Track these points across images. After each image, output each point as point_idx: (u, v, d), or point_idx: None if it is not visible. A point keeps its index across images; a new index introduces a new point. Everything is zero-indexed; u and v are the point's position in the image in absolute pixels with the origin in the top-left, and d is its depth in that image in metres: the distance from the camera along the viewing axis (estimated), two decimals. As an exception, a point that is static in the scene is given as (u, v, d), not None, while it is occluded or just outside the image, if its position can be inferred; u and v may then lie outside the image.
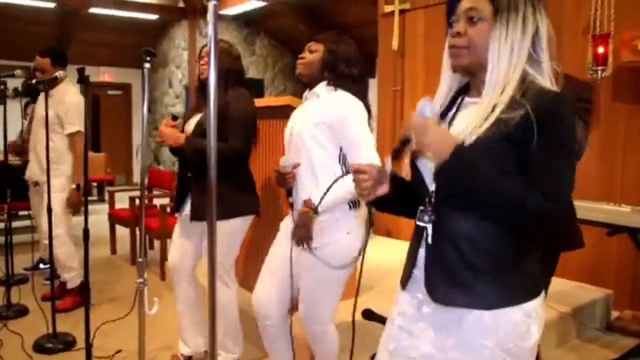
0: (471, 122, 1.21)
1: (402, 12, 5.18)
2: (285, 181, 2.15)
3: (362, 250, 1.47)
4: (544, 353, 3.02)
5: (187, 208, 2.65)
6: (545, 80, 1.24)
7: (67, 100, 3.58)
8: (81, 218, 2.63)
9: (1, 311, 3.54)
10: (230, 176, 2.53)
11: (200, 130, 2.59)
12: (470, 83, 1.34)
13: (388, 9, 5.27)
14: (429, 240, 1.28)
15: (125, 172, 11.24)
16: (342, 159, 2.11)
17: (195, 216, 2.56)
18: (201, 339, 2.84)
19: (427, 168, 1.29)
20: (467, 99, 1.32)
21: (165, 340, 3.12)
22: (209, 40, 1.11)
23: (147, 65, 2.01)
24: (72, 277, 3.75)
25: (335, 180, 1.76)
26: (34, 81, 3.35)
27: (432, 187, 1.29)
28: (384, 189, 1.32)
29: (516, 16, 1.22)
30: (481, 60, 1.25)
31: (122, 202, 5.46)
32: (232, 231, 2.61)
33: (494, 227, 1.21)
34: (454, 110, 1.33)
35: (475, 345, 1.23)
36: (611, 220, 2.93)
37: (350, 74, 2.14)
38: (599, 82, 3.75)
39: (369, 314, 2.54)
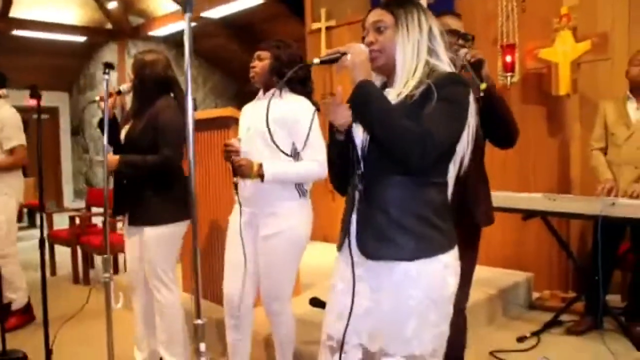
0: None
1: (328, 28, 5.51)
2: (229, 156, 2.30)
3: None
4: (475, 331, 3.33)
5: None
6: (445, 65, 1.55)
7: (1, 116, 3.58)
8: (23, 244, 2.66)
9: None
10: (164, 184, 2.67)
11: (130, 141, 2.71)
12: (388, 79, 1.62)
13: (315, 26, 5.59)
14: (358, 205, 1.53)
15: (56, 197, 10.93)
16: (294, 153, 2.33)
17: (133, 221, 2.71)
18: (158, 347, 2.91)
19: (358, 139, 1.55)
20: (387, 89, 1.60)
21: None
22: (187, 51, 1.25)
23: (107, 76, 2.14)
24: (19, 297, 3.72)
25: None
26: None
27: (359, 158, 1.54)
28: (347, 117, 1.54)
29: (412, 20, 1.54)
30: (391, 58, 1.55)
31: (55, 226, 5.48)
32: (170, 236, 2.71)
33: (416, 193, 1.48)
34: None
35: (404, 295, 1.49)
36: (525, 206, 3.30)
37: (296, 76, 2.36)
38: (509, 88, 4.18)
39: (315, 302, 2.76)
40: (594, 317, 3.34)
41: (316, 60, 1.50)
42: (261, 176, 2.24)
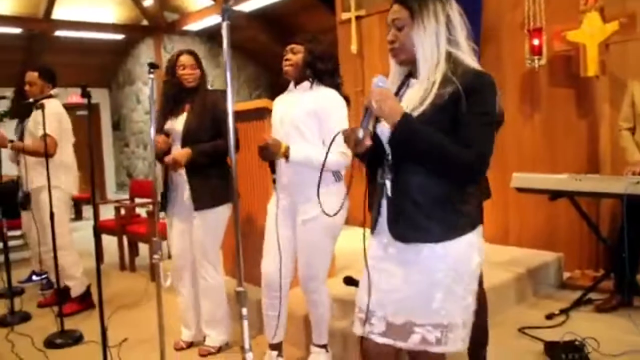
0: (415, 95, 1.60)
1: (358, 18, 5.59)
2: (268, 154, 2.45)
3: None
4: (504, 310, 3.44)
5: (180, 203, 2.98)
6: (465, 54, 1.61)
7: (48, 111, 3.64)
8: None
9: (6, 318, 3.76)
10: (220, 168, 2.93)
11: (191, 133, 2.92)
12: (412, 69, 1.71)
13: (345, 16, 5.68)
14: (389, 193, 1.65)
15: (99, 189, 11.38)
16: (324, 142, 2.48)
17: (200, 206, 2.90)
18: (202, 325, 3.13)
19: (384, 135, 1.65)
20: (412, 80, 1.70)
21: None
22: (226, 51, 1.39)
23: (152, 76, 2.32)
24: (75, 285, 3.91)
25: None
26: (31, 100, 3.62)
27: (388, 150, 1.65)
28: (366, 145, 1.60)
29: (428, 13, 1.60)
30: (413, 52, 1.63)
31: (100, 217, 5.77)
32: (223, 217, 2.99)
33: (440, 181, 1.58)
34: (404, 89, 1.71)
35: (431, 269, 1.61)
36: (551, 187, 3.37)
37: (327, 70, 2.51)
38: (537, 70, 4.22)
39: (349, 280, 2.91)
40: (623, 295, 3.40)
41: (369, 142, 1.57)
42: (286, 157, 2.40)
